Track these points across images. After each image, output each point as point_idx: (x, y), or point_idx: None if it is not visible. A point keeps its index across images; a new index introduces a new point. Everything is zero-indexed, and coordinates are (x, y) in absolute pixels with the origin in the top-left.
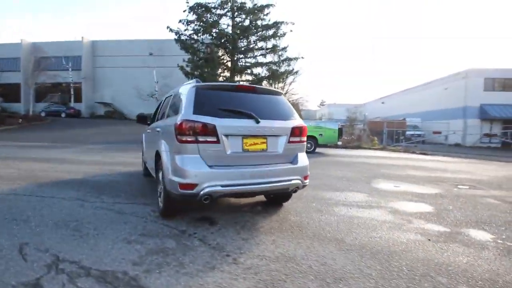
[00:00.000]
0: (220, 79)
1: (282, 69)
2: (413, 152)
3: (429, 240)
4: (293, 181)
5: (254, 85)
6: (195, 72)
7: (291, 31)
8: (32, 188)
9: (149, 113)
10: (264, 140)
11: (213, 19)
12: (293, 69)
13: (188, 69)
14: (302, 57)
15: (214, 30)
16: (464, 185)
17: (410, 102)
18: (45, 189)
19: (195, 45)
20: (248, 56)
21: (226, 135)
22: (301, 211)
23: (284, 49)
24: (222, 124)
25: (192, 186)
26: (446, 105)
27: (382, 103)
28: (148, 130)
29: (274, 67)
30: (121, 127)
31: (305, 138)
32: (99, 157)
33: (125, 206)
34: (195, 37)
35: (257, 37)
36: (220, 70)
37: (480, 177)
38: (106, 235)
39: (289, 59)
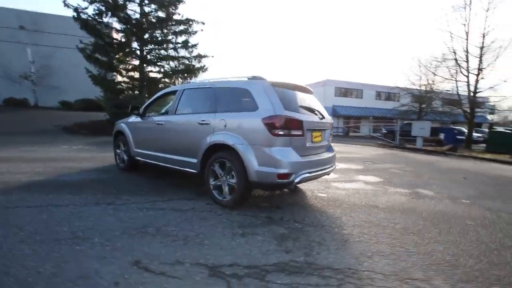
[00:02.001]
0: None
1: (198, 65)
2: None
3: (372, 190)
4: (333, 166)
5: (303, 85)
6: (103, 58)
7: (202, 30)
8: (18, 196)
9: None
10: (321, 134)
11: (119, 1)
12: (204, 66)
13: (90, 52)
14: (212, 56)
15: (122, 15)
16: (367, 161)
17: None
18: (37, 197)
19: (98, 27)
20: (160, 48)
21: (307, 130)
22: (320, 189)
23: (195, 46)
24: (305, 119)
25: (289, 175)
26: None
27: None
28: (150, 122)
29: (187, 62)
30: None
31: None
32: (17, 152)
33: (169, 204)
34: (99, 19)
35: (168, 31)
36: (128, 58)
37: (367, 156)
38: (208, 234)
39: (200, 56)
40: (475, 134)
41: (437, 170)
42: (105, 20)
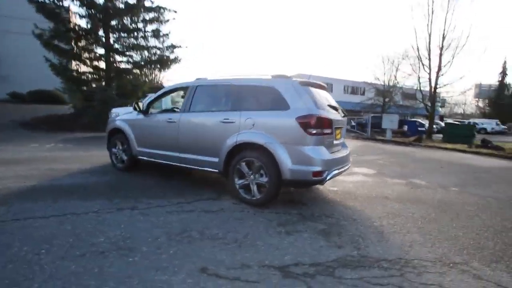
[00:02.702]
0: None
1: (172, 56)
2: None
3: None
4: (350, 163)
5: (320, 82)
6: (64, 45)
7: (174, 19)
8: (21, 206)
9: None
10: (340, 131)
11: None
12: (177, 57)
13: (48, 39)
14: (186, 47)
15: None
16: (352, 154)
17: None
18: (44, 205)
19: (58, 11)
20: (129, 36)
21: (335, 128)
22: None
23: (166, 35)
24: (333, 117)
25: (322, 172)
26: None
27: None
28: (158, 120)
29: (159, 52)
30: None
31: None
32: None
33: (196, 205)
34: (58, 2)
35: (137, 18)
36: (92, 47)
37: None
38: (255, 234)
39: (173, 47)
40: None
41: (415, 160)
42: (65, 3)
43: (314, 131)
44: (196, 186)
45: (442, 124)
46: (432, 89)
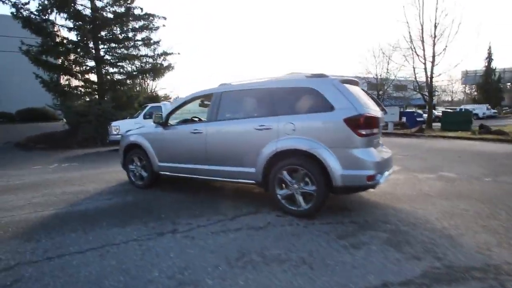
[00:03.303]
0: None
1: (165, 64)
2: None
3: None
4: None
5: (354, 79)
6: (54, 60)
7: (163, 25)
8: (50, 241)
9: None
10: (379, 129)
11: None
12: (170, 64)
13: (36, 54)
14: (178, 53)
15: (70, 10)
16: None
17: None
18: (76, 237)
19: (44, 25)
20: (120, 46)
21: (379, 127)
22: None
23: (157, 43)
24: (379, 116)
25: (375, 176)
26: None
27: None
28: (180, 131)
29: (151, 61)
30: None
31: None
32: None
33: (240, 222)
34: (43, 16)
35: (126, 27)
36: (83, 59)
37: None
38: (320, 252)
39: (165, 54)
40: (425, 115)
41: (428, 151)
42: (51, 17)
43: (364, 132)
44: (228, 199)
45: (436, 113)
46: (429, 79)
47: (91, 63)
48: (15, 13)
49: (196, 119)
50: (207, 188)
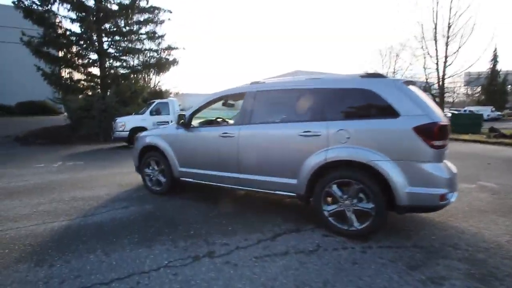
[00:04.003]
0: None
1: (170, 58)
2: None
3: None
4: None
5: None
6: (56, 52)
7: (169, 19)
8: (66, 266)
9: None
10: None
11: None
12: (175, 59)
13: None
14: (184, 48)
15: (74, 1)
16: None
17: None
18: (94, 260)
19: (46, 15)
20: (124, 39)
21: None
22: None
23: (162, 36)
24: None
25: (446, 195)
26: None
27: None
28: (207, 134)
29: (156, 55)
30: None
31: None
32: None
33: (283, 244)
34: (45, 6)
35: (131, 20)
36: (86, 52)
37: None
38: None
39: (169, 48)
40: None
41: (451, 157)
42: (54, 7)
43: (438, 143)
44: (259, 211)
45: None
46: (440, 80)
47: (94, 56)
48: (16, 3)
49: (220, 119)
50: (229, 196)
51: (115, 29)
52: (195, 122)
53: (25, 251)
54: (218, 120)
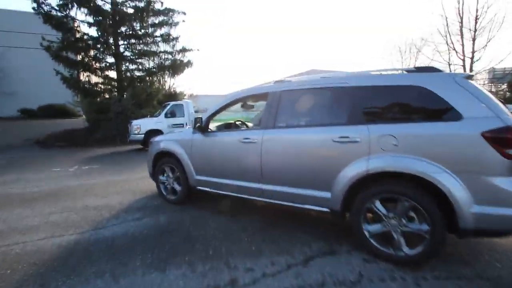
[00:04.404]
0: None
1: (185, 60)
2: None
3: None
4: None
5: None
6: (74, 56)
7: (183, 21)
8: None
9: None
10: None
11: None
12: (189, 60)
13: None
14: (198, 49)
15: (91, 5)
16: None
17: None
18: (108, 282)
19: (64, 20)
20: (139, 42)
21: None
22: None
23: (176, 38)
24: None
25: None
26: None
27: None
28: (226, 139)
29: (170, 57)
30: None
31: None
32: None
33: (319, 270)
34: (64, 11)
35: (146, 23)
36: (103, 56)
37: None
38: None
39: (184, 50)
40: None
41: None
42: (72, 12)
43: None
44: (285, 228)
45: None
46: None
47: (111, 60)
48: (36, 8)
49: (239, 122)
50: (249, 208)
51: (130, 32)
52: (212, 126)
53: (29, 272)
54: (237, 123)
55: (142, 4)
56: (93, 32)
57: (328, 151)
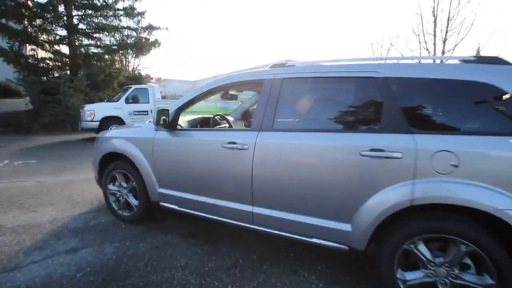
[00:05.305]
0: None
1: (151, 39)
2: None
3: None
4: None
5: None
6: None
7: None
8: None
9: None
10: None
11: None
12: (157, 40)
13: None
14: (166, 28)
15: None
16: None
17: None
18: None
19: None
20: (97, 15)
21: None
22: None
23: (142, 14)
24: None
25: None
26: None
27: None
28: (203, 143)
29: (134, 34)
30: None
31: None
32: None
33: None
34: None
35: None
36: (52, 27)
37: None
38: None
39: (151, 28)
40: None
41: None
42: None
43: None
44: (279, 263)
45: None
46: None
47: (62, 32)
48: None
49: (218, 117)
50: (230, 232)
51: (87, 1)
52: (183, 121)
53: None
54: (217, 118)
55: None
56: None
57: (353, 168)
